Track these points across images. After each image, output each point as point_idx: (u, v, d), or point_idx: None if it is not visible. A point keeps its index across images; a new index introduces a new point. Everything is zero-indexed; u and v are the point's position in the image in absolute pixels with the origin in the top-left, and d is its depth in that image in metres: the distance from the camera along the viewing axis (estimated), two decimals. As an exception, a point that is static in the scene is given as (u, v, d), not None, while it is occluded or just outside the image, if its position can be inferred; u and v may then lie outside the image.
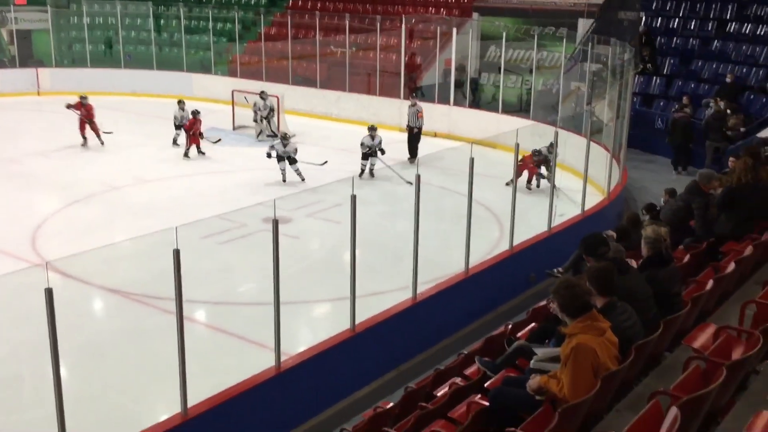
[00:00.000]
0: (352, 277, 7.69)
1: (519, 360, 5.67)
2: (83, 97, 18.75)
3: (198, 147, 17.94)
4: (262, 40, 25.80)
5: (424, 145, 17.68)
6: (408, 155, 17.62)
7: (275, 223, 6.94)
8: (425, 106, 18.75)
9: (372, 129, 16.32)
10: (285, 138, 15.67)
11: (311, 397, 7.47)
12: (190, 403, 6.30)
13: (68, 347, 5.41)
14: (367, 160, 16.09)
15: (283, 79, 24.06)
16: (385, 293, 9.54)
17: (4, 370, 8.30)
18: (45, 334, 5.38)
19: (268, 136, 20.07)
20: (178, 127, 18.61)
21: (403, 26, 21.96)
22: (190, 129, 17.69)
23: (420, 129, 17.94)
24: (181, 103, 19.13)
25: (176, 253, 6.06)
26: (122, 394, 7.83)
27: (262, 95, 20.33)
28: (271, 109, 20.37)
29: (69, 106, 18.61)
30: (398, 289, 9.21)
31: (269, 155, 15.28)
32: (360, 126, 22.17)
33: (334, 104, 23.16)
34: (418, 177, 8.28)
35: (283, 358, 7.09)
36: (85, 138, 18.58)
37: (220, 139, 18.61)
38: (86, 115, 18.52)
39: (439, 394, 5.83)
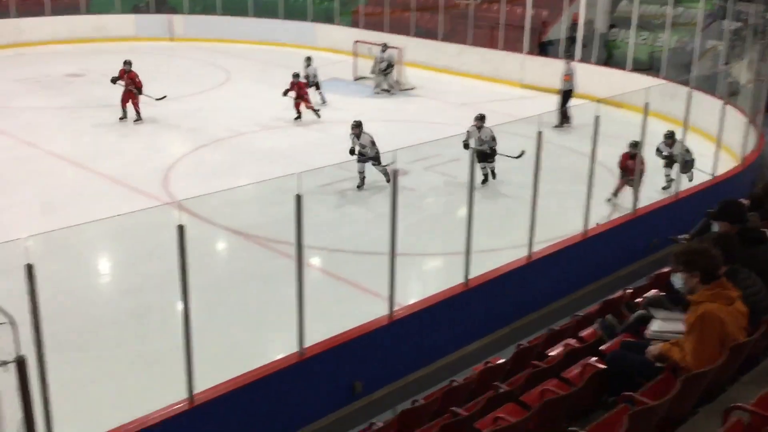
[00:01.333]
0: (467, 232, 7.66)
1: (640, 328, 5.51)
2: (127, 62, 16.44)
3: (310, 108, 16.94)
4: (386, -9, 25.76)
5: (546, 103, 17.23)
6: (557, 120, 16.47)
7: (394, 173, 6.98)
8: (548, 63, 18.21)
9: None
10: (358, 128, 12.49)
11: (422, 348, 7.56)
12: (306, 344, 6.51)
13: (193, 283, 5.66)
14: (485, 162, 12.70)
15: (404, 31, 23.94)
16: (499, 250, 9.48)
17: (135, 302, 8.84)
18: (173, 269, 5.62)
19: (383, 90, 20.10)
20: (308, 85, 18.25)
21: (532, -22, 21.30)
22: (297, 92, 16.78)
23: (567, 92, 16.78)
24: (308, 58, 18.77)
25: (298, 198, 6.20)
26: (242, 331, 8.18)
27: (383, 48, 20.31)
28: (389, 63, 20.32)
29: (114, 80, 16.40)
30: (512, 246, 9.10)
31: (352, 152, 12.40)
32: (481, 81, 21.96)
33: (455, 58, 22.87)
34: (540, 134, 8.10)
35: (395, 308, 7.19)
36: (125, 113, 16.37)
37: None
38: (130, 83, 16.23)
39: (552, 354, 5.77)
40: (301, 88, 16.77)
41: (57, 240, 9.18)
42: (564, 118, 16.46)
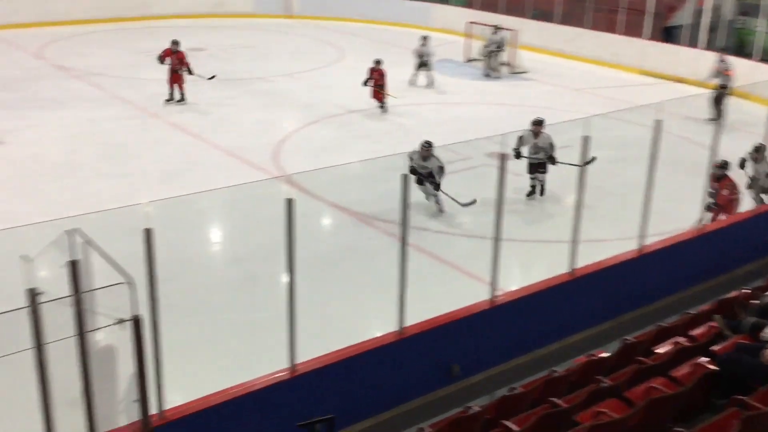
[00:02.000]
0: (575, 220, 7.47)
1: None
2: (175, 42, 15.78)
3: (380, 101, 16.04)
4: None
5: (666, 91, 16.53)
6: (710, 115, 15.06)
7: (502, 157, 6.87)
8: (671, 49, 17.43)
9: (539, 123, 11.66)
10: (427, 149, 10.64)
11: (522, 335, 7.45)
12: (405, 324, 6.53)
13: (299, 256, 5.76)
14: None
15: (520, 13, 23.50)
16: (608, 241, 9.22)
17: (243, 270, 9.12)
18: (279, 241, 5.74)
19: (492, 72, 19.79)
20: (421, 65, 18.23)
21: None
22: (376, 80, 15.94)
23: (725, 87, 15.31)
24: (425, 37, 18.45)
25: (404, 177, 6.20)
26: (344, 305, 8.31)
27: (494, 30, 19.99)
28: (499, 46, 19.97)
29: (161, 59, 15.75)
30: (622, 238, 8.82)
31: (413, 171, 10.44)
32: (598, 66, 21.30)
33: (571, 42, 22.28)
34: (659, 122, 7.78)
35: (497, 293, 7.11)
36: (171, 95, 15.98)
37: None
38: (177, 63, 15.71)
39: (659, 351, 5.57)
40: (381, 76, 15.89)
41: (173, 207, 9.58)
42: (718, 113, 15.05)
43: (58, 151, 12.99)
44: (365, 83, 15.92)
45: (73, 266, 4.11)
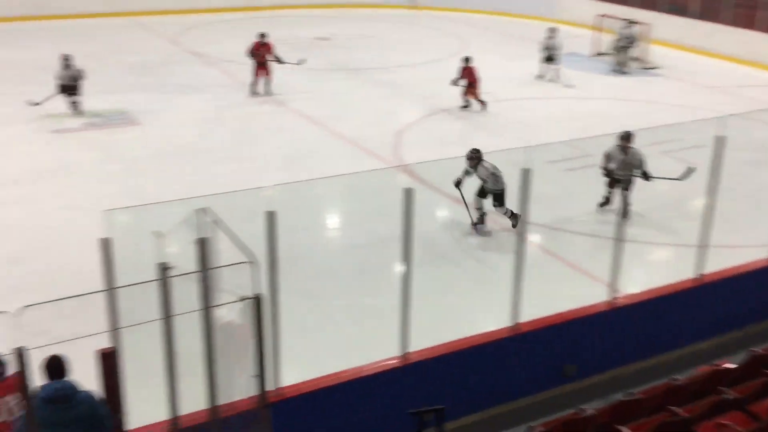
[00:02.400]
0: (704, 223, 7.14)
1: None
2: (262, 35, 15.90)
3: (476, 98, 15.33)
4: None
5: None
6: None
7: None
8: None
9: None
10: (475, 159, 9.74)
11: (641, 339, 7.20)
12: (520, 320, 6.45)
13: (415, 245, 5.79)
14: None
15: (653, 6, 22.61)
16: (738, 248, 8.76)
17: (360, 257, 9.25)
18: (395, 230, 5.76)
19: (615, 70, 19.08)
20: (548, 59, 17.77)
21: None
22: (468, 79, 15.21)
23: None
24: (552, 30, 17.90)
25: (525, 173, 6.10)
26: (459, 298, 8.29)
27: (627, 24, 19.30)
28: (630, 40, 19.26)
29: (252, 54, 15.78)
30: (754, 245, 8.39)
31: (457, 184, 9.79)
32: (735, 63, 20.21)
33: (708, 38, 21.24)
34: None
35: (616, 295, 6.90)
36: (255, 88, 15.97)
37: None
38: (262, 58, 15.77)
39: (791, 366, 5.25)
40: (471, 74, 15.14)
41: (295, 191, 9.83)
42: None
43: (189, 134, 13.59)
44: (455, 83, 15.17)
45: (202, 244, 4.29)
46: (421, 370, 6.06)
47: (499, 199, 9.65)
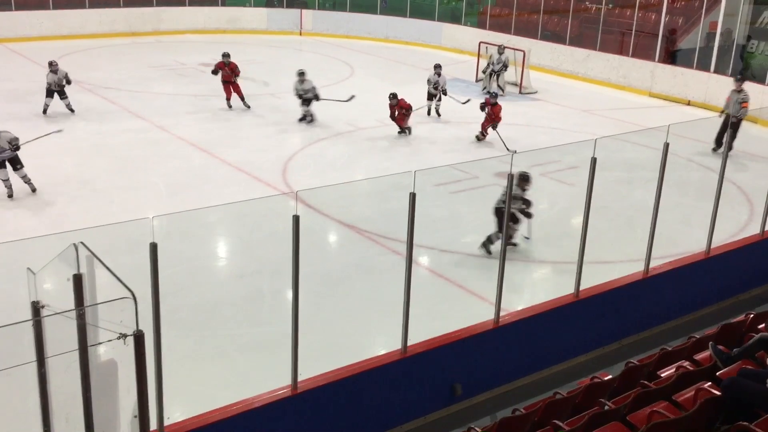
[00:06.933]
0: (581, 242, 7.46)
1: (759, 354, 5.21)
2: (225, 55, 16.94)
3: (402, 127, 15.68)
4: (515, -7, 25.45)
5: (674, 114, 16.52)
6: (714, 144, 14.27)
7: (510, 177, 6.88)
8: (680, 72, 17.43)
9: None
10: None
11: (526, 356, 7.43)
12: (410, 342, 6.52)
13: (305, 272, 5.77)
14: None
15: (531, 34, 23.60)
16: (613, 263, 9.19)
17: (249, 286, 9.12)
18: (286, 257, 5.74)
19: (487, 92, 19.65)
20: (431, 95, 17.52)
21: (669, -17, 20.51)
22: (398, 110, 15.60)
23: (740, 120, 14.09)
24: (438, 67, 17.48)
25: (412, 197, 6.20)
26: (349, 323, 8.29)
27: (500, 49, 19.99)
28: (505, 65, 19.96)
29: (214, 72, 17.03)
30: (628, 260, 8.81)
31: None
32: (607, 87, 21.34)
33: (582, 63, 22.36)
34: (666, 145, 7.77)
35: (501, 314, 7.10)
36: (229, 103, 17.05)
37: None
38: (228, 76, 16.85)
39: (663, 375, 5.54)
40: (402, 108, 15.51)
41: (180, 221, 9.61)
42: (719, 144, 14.24)
43: (67, 163, 13.06)
44: (392, 117, 15.60)
45: (77, 280, 4.13)
46: (313, 397, 6.02)
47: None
